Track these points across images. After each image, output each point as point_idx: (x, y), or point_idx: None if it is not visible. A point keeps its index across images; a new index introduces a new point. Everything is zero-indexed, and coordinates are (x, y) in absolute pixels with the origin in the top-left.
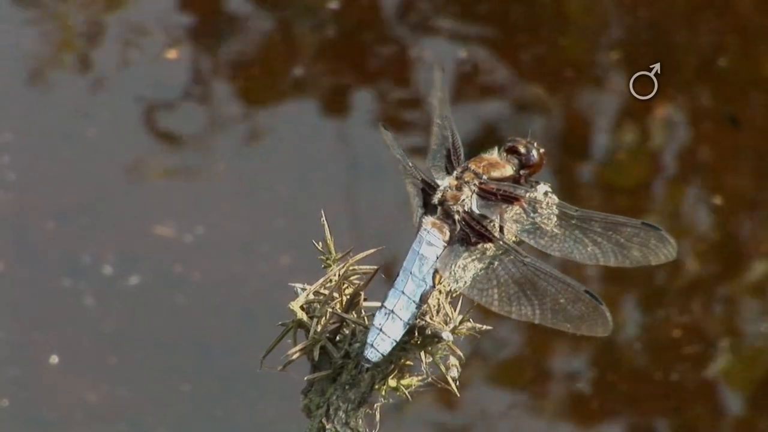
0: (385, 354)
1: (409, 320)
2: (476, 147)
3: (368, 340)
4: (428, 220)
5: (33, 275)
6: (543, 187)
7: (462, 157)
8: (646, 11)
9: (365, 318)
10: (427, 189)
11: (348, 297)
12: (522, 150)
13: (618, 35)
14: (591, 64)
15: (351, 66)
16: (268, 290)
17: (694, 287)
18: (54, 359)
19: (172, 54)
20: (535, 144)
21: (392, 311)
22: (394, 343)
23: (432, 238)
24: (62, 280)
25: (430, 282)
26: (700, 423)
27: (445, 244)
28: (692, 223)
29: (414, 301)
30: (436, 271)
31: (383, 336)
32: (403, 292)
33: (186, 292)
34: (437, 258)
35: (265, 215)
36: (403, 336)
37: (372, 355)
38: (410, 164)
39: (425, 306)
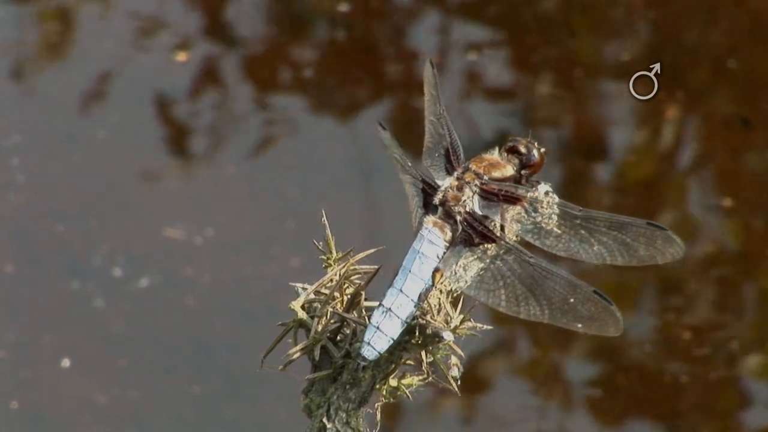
0: (381, 352)
1: (407, 319)
2: (485, 148)
3: (365, 338)
4: (429, 219)
5: (42, 277)
6: (544, 187)
7: (461, 156)
8: (655, 12)
9: (366, 317)
10: (428, 189)
11: (349, 296)
12: (522, 150)
13: (628, 36)
14: (601, 65)
15: (361, 68)
16: (278, 292)
17: None
18: (64, 362)
19: (182, 56)
20: (536, 144)
21: (390, 309)
22: (392, 341)
23: (433, 238)
24: (71, 283)
25: (429, 281)
26: None
27: (447, 244)
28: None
29: (412, 300)
30: (436, 271)
31: (380, 334)
32: (401, 291)
33: (196, 294)
34: (438, 257)
35: (275, 217)
36: (403, 335)
37: (368, 353)
38: (409, 164)
39: (426, 305)
